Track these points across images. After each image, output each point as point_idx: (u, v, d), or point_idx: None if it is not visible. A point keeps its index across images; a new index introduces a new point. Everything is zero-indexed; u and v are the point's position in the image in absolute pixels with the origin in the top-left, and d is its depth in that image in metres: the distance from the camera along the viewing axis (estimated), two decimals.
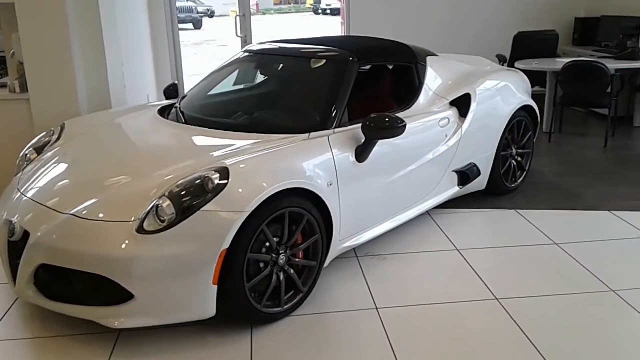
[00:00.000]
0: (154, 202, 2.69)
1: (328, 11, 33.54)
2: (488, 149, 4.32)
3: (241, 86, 4.08)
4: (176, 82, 4.43)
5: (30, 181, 3.15)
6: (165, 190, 2.73)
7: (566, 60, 6.30)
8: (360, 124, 3.38)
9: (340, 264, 3.52)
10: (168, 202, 2.66)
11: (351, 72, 3.56)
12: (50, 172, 3.21)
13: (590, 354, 2.69)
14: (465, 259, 3.61)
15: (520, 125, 4.60)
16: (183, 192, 2.70)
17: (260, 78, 4.05)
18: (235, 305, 2.78)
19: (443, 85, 4.13)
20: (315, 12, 34.83)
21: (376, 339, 2.82)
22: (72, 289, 2.79)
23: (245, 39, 7.89)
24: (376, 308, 3.08)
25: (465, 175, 4.18)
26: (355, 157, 3.28)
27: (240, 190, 2.73)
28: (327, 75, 3.61)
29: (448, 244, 3.83)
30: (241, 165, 2.84)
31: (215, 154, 3.06)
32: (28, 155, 3.54)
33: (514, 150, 4.62)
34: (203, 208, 2.66)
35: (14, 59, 4.67)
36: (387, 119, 3.23)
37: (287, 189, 2.86)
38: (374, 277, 3.39)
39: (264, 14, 37.07)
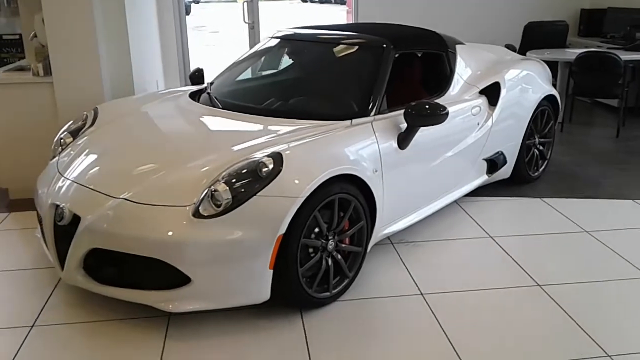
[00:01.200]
0: (209, 187, 2.68)
1: (317, 0, 33.34)
2: (515, 137, 4.36)
3: (275, 72, 4.05)
4: (201, 67, 4.38)
5: (73, 165, 3.12)
6: (219, 176, 2.72)
7: (578, 50, 6.35)
8: (399, 111, 3.40)
9: (377, 250, 3.54)
10: (224, 187, 2.65)
11: (388, 59, 3.57)
12: (94, 156, 3.18)
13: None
14: (500, 246, 3.65)
15: (543, 115, 4.64)
16: (237, 178, 2.70)
17: (294, 64, 4.02)
18: (289, 290, 2.79)
19: (473, 74, 4.15)
20: (304, 0, 34.54)
21: (427, 324, 2.85)
22: (125, 273, 2.78)
23: (253, 26, 7.84)
24: (421, 294, 3.11)
25: (494, 163, 4.21)
26: (398, 144, 3.29)
27: (294, 176, 2.74)
28: (366, 62, 3.61)
29: (480, 231, 3.86)
30: (293, 152, 2.83)
31: (260, 139, 3.06)
32: (64, 140, 3.49)
33: (537, 139, 4.66)
34: (259, 194, 2.65)
35: (34, 42, 4.60)
36: (430, 107, 3.24)
37: (337, 176, 2.87)
38: (413, 264, 3.42)
39: (251, 0, 36.68)
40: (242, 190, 2.66)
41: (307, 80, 3.83)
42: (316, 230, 2.86)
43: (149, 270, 2.70)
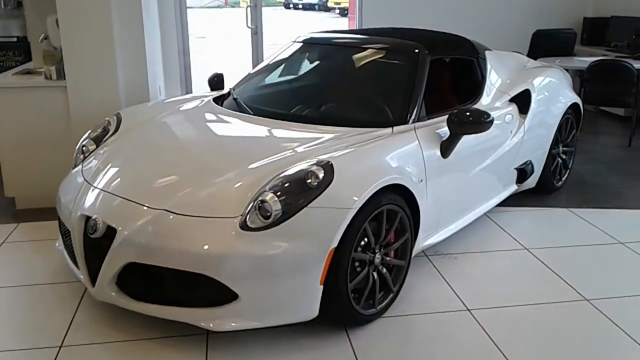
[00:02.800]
0: (255, 197, 2.53)
1: (300, 6, 33.19)
2: (543, 146, 4.27)
3: (305, 77, 3.90)
4: (221, 73, 4.22)
5: (102, 175, 2.94)
6: (265, 186, 2.57)
7: (589, 59, 6.32)
8: (438, 118, 3.30)
9: (413, 263, 3.38)
10: (273, 197, 2.50)
11: (425, 64, 3.45)
12: (124, 165, 3.01)
13: None
14: (538, 258, 3.54)
15: (567, 123, 4.57)
16: (286, 188, 2.55)
17: (324, 69, 3.88)
18: (338, 306, 2.64)
19: (503, 81, 4.05)
20: (287, 6, 34.31)
21: (480, 342, 2.73)
22: (163, 289, 2.60)
23: (256, 31, 7.69)
24: (468, 310, 2.98)
25: (524, 172, 4.12)
26: (441, 153, 3.17)
27: (346, 186, 2.60)
28: (401, 68, 3.49)
29: (514, 243, 3.75)
30: (343, 161, 2.70)
31: (301, 147, 2.91)
32: (86, 147, 3.31)
33: (560, 148, 4.58)
34: (310, 205, 2.51)
35: (44, 44, 4.40)
36: (474, 114, 3.13)
37: (385, 186, 2.73)
38: (452, 277, 3.29)
39: (232, 7, 36.40)
40: (292, 201, 2.51)
41: (340, 85, 3.69)
42: (362, 243, 2.71)
43: (191, 286, 2.53)
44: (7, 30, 6.77)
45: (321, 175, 2.57)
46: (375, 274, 2.81)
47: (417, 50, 3.51)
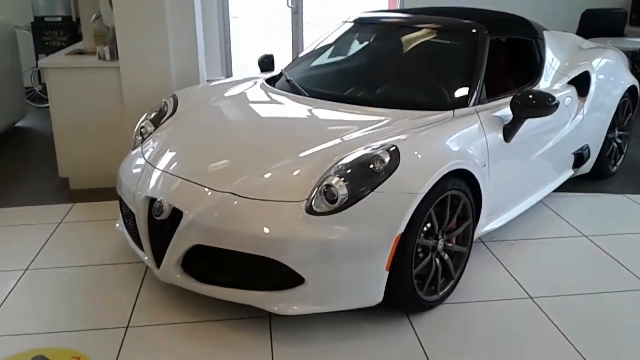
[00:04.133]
0: (321, 182, 2.51)
1: None
2: (601, 130, 4.17)
3: (360, 58, 3.84)
4: (272, 54, 4.19)
5: (164, 157, 2.95)
6: (330, 169, 2.55)
7: (639, 39, 6.12)
8: (499, 101, 3.24)
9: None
10: (339, 182, 2.48)
11: (484, 45, 3.37)
12: (185, 146, 3.02)
13: None
14: (598, 245, 3.47)
15: (624, 106, 4.44)
16: (351, 172, 2.52)
17: (379, 49, 3.81)
18: (402, 292, 2.62)
19: (562, 63, 3.94)
20: None
21: (547, 330, 2.69)
22: (229, 271, 2.61)
23: (297, 10, 7.63)
24: (531, 297, 2.94)
25: (581, 157, 4.03)
26: (504, 137, 3.11)
27: (412, 171, 2.57)
28: (461, 48, 3.41)
29: (571, 229, 3.68)
30: (408, 144, 2.66)
31: (363, 130, 2.88)
32: (145, 128, 3.32)
33: (616, 132, 4.46)
34: (377, 189, 2.48)
35: (96, 24, 4.42)
36: (539, 97, 3.06)
37: (450, 171, 2.68)
38: (511, 264, 3.24)
39: None
40: (358, 185, 2.48)
41: (396, 67, 3.62)
42: (425, 229, 2.68)
43: (257, 269, 2.54)
44: (52, 9, 6.83)
45: (387, 159, 2.53)
46: (437, 260, 2.78)
47: (476, 30, 3.42)
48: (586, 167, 4.24)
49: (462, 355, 2.53)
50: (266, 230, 2.45)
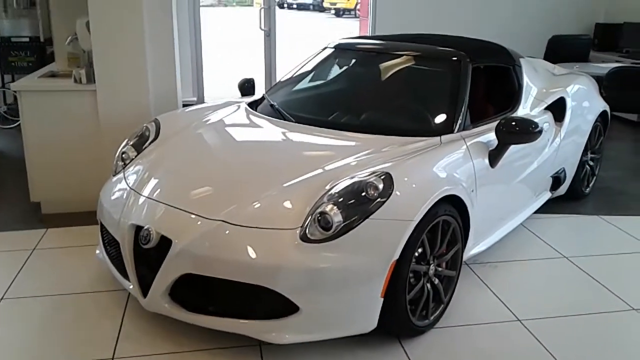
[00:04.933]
0: (315, 209, 2.49)
1: (295, 6, 33.03)
2: (576, 153, 4.27)
3: (344, 84, 3.86)
4: (252, 78, 4.17)
5: (150, 183, 2.88)
6: (324, 197, 2.53)
7: (607, 65, 6.33)
8: (482, 127, 3.29)
9: None
10: (334, 209, 2.46)
11: (467, 72, 3.42)
12: (171, 173, 2.96)
13: None
14: (578, 267, 3.53)
15: (596, 130, 4.56)
16: (345, 199, 2.51)
17: (364, 76, 3.83)
18: (396, 318, 2.60)
19: (538, 89, 4.03)
20: (280, 6, 34.04)
21: (536, 353, 2.70)
22: (220, 300, 2.55)
23: (269, 33, 7.63)
24: (519, 320, 2.96)
25: (558, 180, 4.11)
26: (489, 162, 3.15)
27: (406, 198, 2.57)
28: (445, 76, 3.46)
29: (552, 251, 3.74)
30: (400, 171, 2.66)
31: (353, 157, 2.87)
32: (127, 154, 3.24)
33: (589, 155, 4.58)
34: (371, 217, 2.47)
35: (71, 47, 4.34)
36: (523, 124, 3.11)
37: (442, 197, 2.70)
38: (497, 287, 3.27)
39: (225, 6, 36.18)
40: (353, 213, 2.47)
41: (382, 93, 3.64)
42: (416, 254, 2.67)
43: (248, 297, 2.49)
44: (18, 30, 6.69)
45: (380, 186, 2.53)
46: (429, 285, 2.77)
47: (459, 58, 3.48)
48: (562, 189, 4.33)
49: None
50: (260, 258, 2.41)
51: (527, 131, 3.10)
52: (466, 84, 3.36)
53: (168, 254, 2.52)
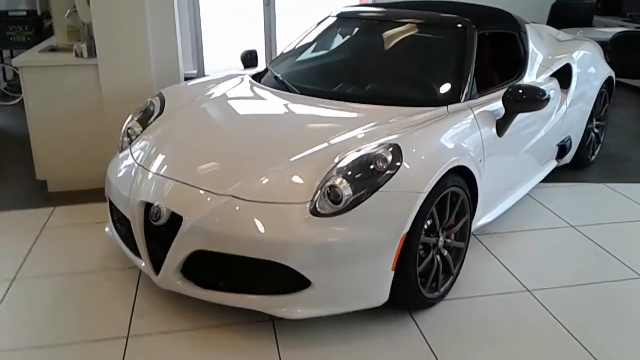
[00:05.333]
0: (324, 183, 2.48)
1: None
2: (582, 121, 4.25)
3: (349, 53, 3.81)
4: (254, 49, 4.12)
5: (157, 159, 2.86)
6: (334, 170, 2.52)
7: (611, 30, 6.26)
8: (489, 96, 3.28)
9: None
10: (343, 182, 2.45)
11: (473, 39, 3.38)
12: (178, 148, 2.94)
13: None
14: (585, 235, 3.54)
15: (601, 97, 4.53)
16: (354, 172, 2.50)
17: (369, 45, 3.77)
18: (406, 291, 2.62)
19: (544, 56, 3.99)
20: None
21: (547, 323, 2.73)
22: (231, 276, 2.57)
23: (269, 2, 7.52)
24: (528, 290, 2.98)
25: (564, 148, 4.10)
26: (496, 131, 3.13)
27: (415, 169, 2.56)
28: (451, 43, 3.41)
29: (558, 220, 3.74)
30: (408, 143, 2.64)
31: (360, 129, 2.85)
32: (132, 129, 3.22)
33: (594, 122, 4.55)
34: (381, 189, 2.46)
35: (70, 20, 4.27)
36: (530, 91, 3.08)
37: (450, 168, 2.69)
38: (505, 257, 3.28)
39: None
40: (362, 185, 2.46)
41: (386, 62, 3.59)
42: (425, 226, 2.67)
43: (260, 273, 2.50)
44: (15, 3, 6.58)
45: (389, 158, 2.52)
46: (438, 257, 2.78)
47: (464, 25, 3.43)
48: (567, 158, 4.32)
49: (468, 350, 2.55)
50: (271, 233, 2.41)
51: (534, 99, 3.07)
52: (472, 52, 3.32)
53: (179, 231, 2.52)
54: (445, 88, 3.22)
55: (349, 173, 2.49)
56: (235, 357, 2.49)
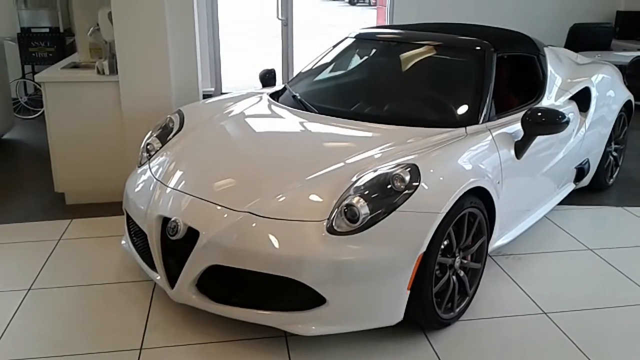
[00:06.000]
0: (341, 201, 2.48)
1: None
2: (601, 144, 4.23)
3: (367, 74, 3.84)
4: (273, 68, 4.16)
5: (175, 175, 2.89)
6: (352, 189, 2.52)
7: (630, 54, 6.24)
8: (507, 118, 3.27)
9: None
10: (361, 201, 2.45)
11: (492, 61, 3.39)
12: (196, 165, 2.97)
13: None
14: (603, 259, 3.50)
15: (620, 120, 4.51)
16: (372, 191, 2.51)
17: (387, 67, 3.80)
18: (422, 310, 2.60)
19: (563, 79, 3.99)
20: None
21: (564, 347, 2.69)
22: (246, 292, 2.57)
23: (287, 22, 7.60)
24: (544, 313, 2.94)
25: (582, 171, 4.07)
26: (515, 153, 3.12)
27: (433, 190, 2.56)
28: (470, 66, 3.42)
29: (576, 243, 3.71)
30: (427, 163, 2.65)
31: (377, 149, 2.86)
32: (151, 145, 3.26)
33: (613, 145, 4.52)
34: (398, 209, 2.46)
35: (93, 37, 4.35)
36: (550, 114, 3.08)
37: (468, 189, 2.68)
38: (521, 279, 3.25)
39: None
40: (379, 205, 2.47)
41: (405, 83, 3.62)
42: (442, 247, 2.66)
43: (275, 289, 2.50)
44: (38, 20, 6.72)
45: (407, 178, 2.52)
46: (454, 278, 2.77)
47: (483, 48, 3.44)
48: (586, 181, 4.29)
49: None
50: (287, 250, 2.42)
51: (553, 122, 3.07)
52: (491, 74, 3.33)
53: (196, 246, 2.53)
54: (463, 109, 3.23)
55: (367, 192, 2.50)
56: None
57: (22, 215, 4.04)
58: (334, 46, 4.01)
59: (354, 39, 3.96)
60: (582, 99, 4.01)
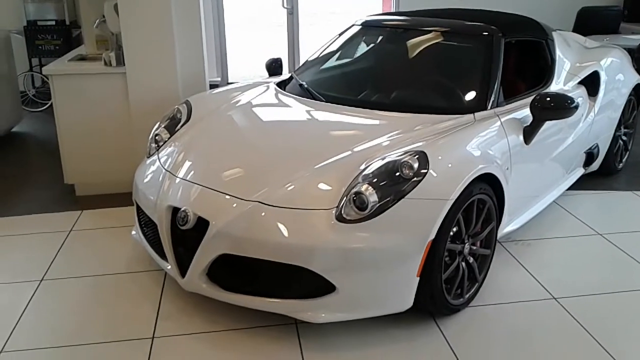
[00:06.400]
0: (350, 189, 2.49)
1: None
2: (610, 128, 4.20)
3: (374, 61, 3.82)
4: (279, 57, 4.15)
5: (184, 165, 2.90)
6: (359, 177, 2.53)
7: (634, 37, 6.18)
8: (516, 103, 3.26)
9: None
10: (369, 189, 2.46)
11: (500, 47, 3.37)
12: (204, 155, 2.98)
13: None
14: (613, 244, 3.49)
15: (629, 104, 4.48)
16: (380, 179, 2.50)
17: (394, 53, 3.78)
18: (431, 297, 2.61)
19: (571, 63, 3.96)
20: None
21: (574, 331, 2.69)
22: (257, 280, 2.58)
23: (292, 11, 7.57)
24: (554, 298, 2.94)
25: (591, 156, 4.05)
26: (523, 139, 3.11)
27: (442, 177, 2.56)
28: (477, 51, 3.40)
29: (586, 228, 3.70)
30: (435, 150, 2.64)
31: (386, 137, 2.85)
32: (160, 136, 3.27)
33: (622, 129, 4.50)
34: (407, 197, 2.46)
35: (99, 29, 4.35)
36: (559, 99, 3.07)
37: (477, 175, 2.68)
38: (530, 264, 3.25)
39: None
40: (388, 192, 2.47)
41: (412, 70, 3.60)
42: (451, 233, 2.66)
43: (285, 277, 2.51)
44: (44, 13, 6.73)
45: (416, 165, 2.52)
46: (464, 264, 2.77)
47: (491, 33, 3.42)
48: (595, 165, 4.27)
49: (492, 356, 2.53)
50: (296, 238, 2.43)
51: (562, 107, 3.05)
52: (499, 60, 3.31)
53: (205, 235, 2.55)
54: (471, 95, 3.21)
55: (375, 180, 2.50)
56: (260, 359, 2.50)
57: (33, 207, 4.07)
58: (341, 34, 3.99)
59: (361, 27, 3.94)
60: (591, 83, 3.98)
